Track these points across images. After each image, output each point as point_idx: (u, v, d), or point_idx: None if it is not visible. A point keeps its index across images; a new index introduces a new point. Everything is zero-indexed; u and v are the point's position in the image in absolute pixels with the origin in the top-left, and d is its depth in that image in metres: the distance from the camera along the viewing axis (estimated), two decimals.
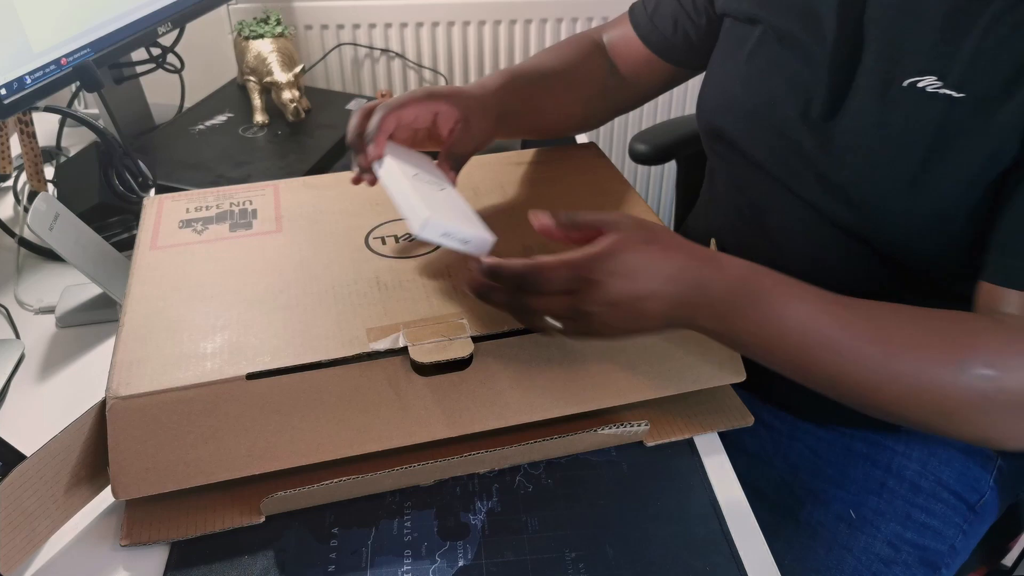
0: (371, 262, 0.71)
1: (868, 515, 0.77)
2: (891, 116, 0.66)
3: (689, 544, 0.61)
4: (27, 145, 0.99)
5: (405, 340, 0.62)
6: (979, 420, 0.57)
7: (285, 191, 0.83)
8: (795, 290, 0.58)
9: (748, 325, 0.57)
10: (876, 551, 0.76)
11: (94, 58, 0.95)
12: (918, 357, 0.56)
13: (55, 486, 0.58)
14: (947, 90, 0.62)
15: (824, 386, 0.60)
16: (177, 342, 0.62)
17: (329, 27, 1.69)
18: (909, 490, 0.78)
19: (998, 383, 0.55)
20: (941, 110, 0.63)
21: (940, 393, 0.56)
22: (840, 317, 0.57)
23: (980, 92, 0.61)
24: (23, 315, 0.86)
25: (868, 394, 0.58)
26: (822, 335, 0.57)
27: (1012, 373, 0.55)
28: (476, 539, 0.61)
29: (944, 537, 0.78)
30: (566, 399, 0.66)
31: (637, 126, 1.86)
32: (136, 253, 0.73)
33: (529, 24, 1.72)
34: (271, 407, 0.60)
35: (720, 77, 0.82)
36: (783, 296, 0.57)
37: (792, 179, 0.74)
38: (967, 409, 0.56)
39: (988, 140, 0.61)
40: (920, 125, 0.64)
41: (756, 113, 0.76)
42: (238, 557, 0.60)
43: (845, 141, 0.69)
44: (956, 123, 0.62)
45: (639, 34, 0.90)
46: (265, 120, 1.18)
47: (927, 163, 0.64)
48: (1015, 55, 0.59)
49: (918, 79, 0.64)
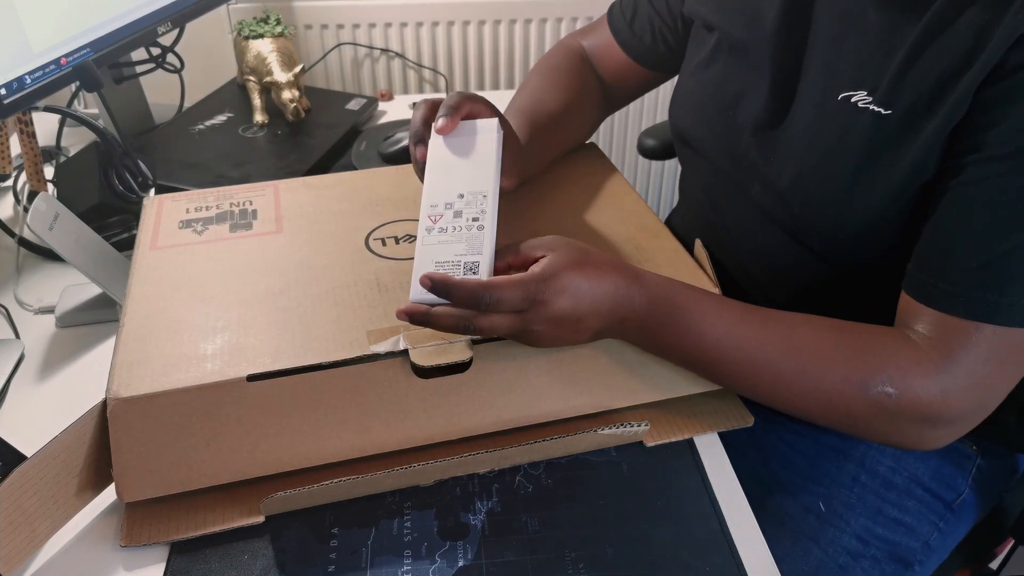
0: (371, 263, 0.71)
1: (838, 508, 0.78)
2: (825, 128, 0.67)
3: (689, 544, 0.61)
4: (27, 145, 0.99)
5: (405, 343, 0.62)
6: (885, 429, 0.62)
7: (285, 191, 0.83)
8: (712, 306, 0.63)
9: (668, 339, 0.63)
10: (843, 544, 0.76)
11: (94, 58, 0.95)
12: (827, 373, 0.61)
13: (55, 487, 0.58)
14: (875, 106, 0.64)
15: (744, 393, 0.67)
16: (177, 343, 0.62)
17: (329, 27, 1.69)
18: (881, 485, 0.79)
19: (898, 400, 0.60)
20: (870, 124, 0.64)
21: (846, 406, 0.61)
22: (755, 335, 0.63)
23: (906, 108, 0.62)
24: (23, 315, 0.86)
25: (782, 403, 0.64)
26: (738, 351, 0.62)
27: (911, 392, 0.59)
28: (476, 539, 0.61)
29: (917, 534, 0.78)
30: (566, 401, 0.66)
31: (639, 123, 1.86)
32: (136, 253, 0.73)
33: (529, 24, 1.72)
34: (272, 409, 0.60)
35: (684, 80, 0.85)
36: (700, 313, 0.62)
37: (744, 184, 0.77)
38: (873, 420, 0.62)
39: (912, 154, 0.62)
40: (851, 138, 0.65)
41: (713, 120, 0.79)
42: (238, 557, 0.60)
43: (786, 151, 0.71)
44: (884, 137, 0.64)
45: (619, 41, 0.92)
46: (265, 120, 1.18)
47: (857, 176, 0.66)
48: (938, 72, 0.60)
49: (851, 93, 0.65)
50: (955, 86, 0.59)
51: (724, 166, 0.79)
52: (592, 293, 0.59)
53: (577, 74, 0.92)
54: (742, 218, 0.78)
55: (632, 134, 1.89)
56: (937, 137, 0.61)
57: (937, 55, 0.60)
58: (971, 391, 0.59)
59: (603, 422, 0.67)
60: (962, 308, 0.59)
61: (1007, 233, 0.57)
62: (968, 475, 0.81)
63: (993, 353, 0.58)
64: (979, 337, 0.58)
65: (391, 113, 1.29)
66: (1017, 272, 0.57)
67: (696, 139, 0.83)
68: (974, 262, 0.58)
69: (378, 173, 0.87)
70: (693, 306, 0.62)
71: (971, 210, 0.59)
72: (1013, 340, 0.58)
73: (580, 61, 0.93)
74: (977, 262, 0.58)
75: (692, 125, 0.83)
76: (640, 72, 0.93)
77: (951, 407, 0.59)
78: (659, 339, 0.63)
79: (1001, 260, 0.57)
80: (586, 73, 0.93)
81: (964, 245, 0.59)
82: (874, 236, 0.67)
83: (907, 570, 0.77)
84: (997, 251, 0.57)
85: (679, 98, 0.86)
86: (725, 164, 0.79)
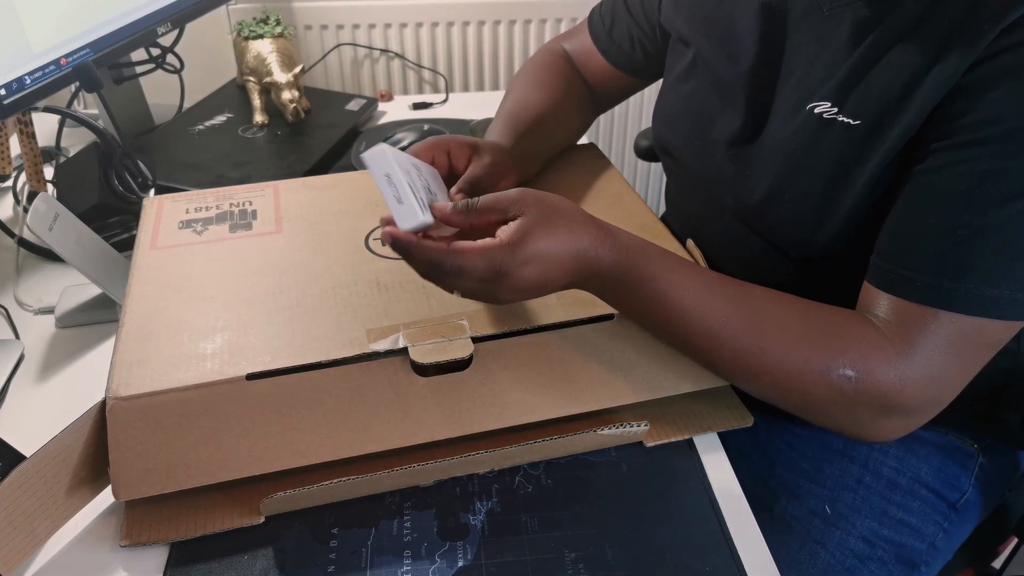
0: (371, 263, 0.71)
1: (843, 511, 0.77)
2: (796, 142, 0.67)
3: (689, 545, 0.61)
4: (27, 145, 0.99)
5: (405, 341, 0.62)
6: (841, 415, 0.62)
7: (285, 192, 0.83)
8: (683, 276, 0.61)
9: (633, 304, 0.62)
10: (850, 547, 0.76)
11: (94, 58, 0.95)
12: (789, 353, 0.60)
13: (55, 486, 0.58)
14: (843, 116, 0.64)
15: (705, 366, 0.65)
16: (177, 343, 0.62)
17: (329, 27, 1.69)
18: (886, 487, 0.79)
19: (856, 385, 0.59)
20: (839, 136, 0.64)
21: (803, 388, 0.60)
22: (721, 308, 0.61)
23: (873, 118, 0.62)
24: (23, 315, 0.86)
25: (743, 380, 0.64)
26: (703, 324, 0.61)
27: (871, 377, 0.58)
28: (476, 539, 0.61)
29: (923, 535, 0.78)
30: (566, 400, 0.66)
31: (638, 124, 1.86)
32: (136, 253, 0.73)
33: (529, 24, 1.72)
34: (271, 408, 0.60)
35: (665, 93, 0.86)
36: (668, 282, 0.61)
37: (719, 194, 0.77)
38: (829, 405, 0.61)
39: (880, 162, 0.62)
40: (820, 151, 0.65)
41: (690, 133, 0.80)
42: (238, 557, 0.60)
43: (759, 167, 0.71)
44: (853, 149, 0.64)
45: (599, 48, 0.93)
46: (265, 120, 1.18)
47: (829, 188, 0.66)
48: (903, 79, 0.60)
49: (816, 104, 0.65)
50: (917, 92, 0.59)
51: (703, 178, 0.80)
52: (560, 258, 0.57)
53: (561, 74, 0.92)
54: (721, 227, 0.79)
55: (629, 135, 1.89)
56: (900, 139, 0.61)
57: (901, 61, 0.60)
58: (928, 383, 0.59)
59: (603, 422, 0.67)
60: (919, 294, 0.58)
61: (965, 220, 0.57)
62: (971, 474, 0.81)
63: (950, 343, 0.58)
64: (936, 325, 0.58)
65: (391, 114, 1.29)
66: (975, 259, 0.57)
67: (676, 151, 0.84)
68: (932, 248, 0.58)
69: None
70: (663, 275, 0.61)
71: (931, 197, 0.59)
72: (969, 330, 0.57)
73: (564, 63, 0.94)
74: (935, 248, 0.58)
75: (672, 137, 0.84)
76: (621, 78, 0.93)
77: (907, 396, 0.59)
78: (623, 301, 0.62)
79: (958, 247, 0.57)
80: (570, 73, 0.93)
81: (923, 232, 0.59)
82: (849, 241, 0.67)
83: (913, 571, 0.77)
84: (954, 238, 0.57)
85: (660, 110, 0.86)
86: (703, 176, 0.79)
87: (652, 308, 0.61)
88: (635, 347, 0.66)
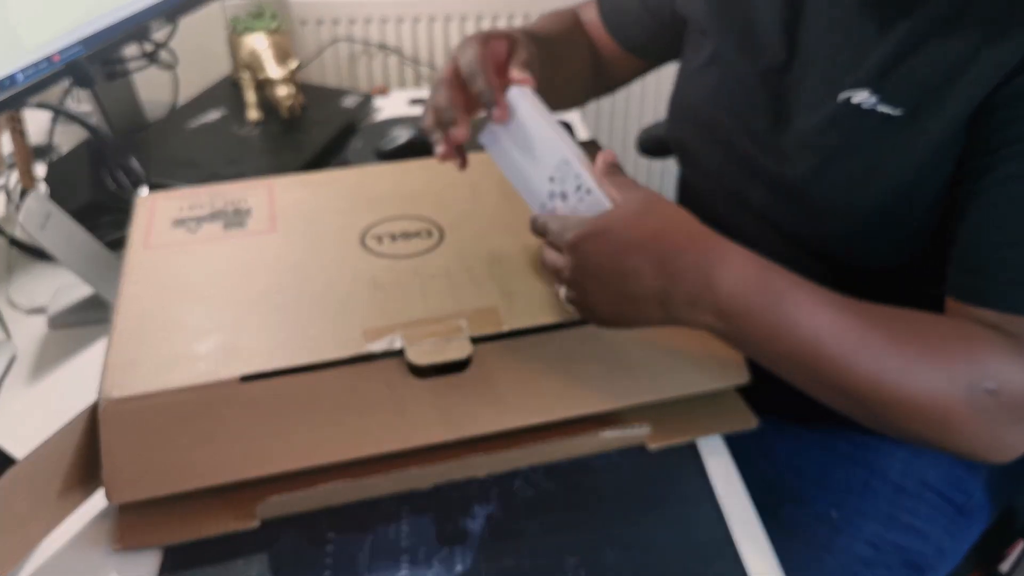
0: (367, 262, 0.70)
1: (849, 515, 0.77)
2: (829, 132, 0.66)
3: (693, 550, 0.60)
4: (18, 143, 0.98)
5: (402, 341, 0.61)
6: (977, 433, 0.55)
7: (279, 189, 0.82)
8: (807, 295, 0.55)
9: (758, 330, 0.55)
10: (856, 552, 0.75)
11: (86, 55, 0.94)
12: (933, 370, 0.54)
13: (47, 489, 0.58)
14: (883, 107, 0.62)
15: (828, 397, 0.57)
16: (170, 343, 0.61)
17: (324, 22, 1.68)
18: (892, 491, 0.78)
19: (999, 398, 0.54)
20: (878, 125, 0.63)
21: (945, 409, 0.54)
22: (855, 327, 0.54)
23: (913, 107, 0.61)
24: (14, 316, 0.85)
25: (874, 408, 0.56)
26: (838, 346, 0.54)
27: (1011, 386, 0.54)
28: (475, 544, 0.60)
29: (929, 539, 0.77)
30: (566, 402, 0.65)
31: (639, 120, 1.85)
32: (128, 253, 0.72)
33: (527, 20, 1.71)
34: (266, 409, 0.59)
35: (681, 86, 0.84)
36: (797, 302, 0.54)
37: (743, 190, 0.75)
38: (967, 423, 0.55)
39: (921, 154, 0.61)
40: (857, 140, 0.64)
41: (707, 127, 0.78)
42: (232, 562, 0.59)
43: (787, 160, 0.70)
44: (893, 138, 0.62)
45: (607, 26, 0.90)
46: (259, 117, 1.17)
47: (866, 179, 0.64)
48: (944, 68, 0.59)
49: (852, 93, 0.64)
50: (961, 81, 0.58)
51: (719, 173, 0.78)
52: (633, 250, 0.54)
53: (572, 19, 0.89)
54: (741, 226, 0.76)
55: (631, 132, 1.88)
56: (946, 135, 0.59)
57: (941, 51, 0.59)
58: None
59: (604, 425, 0.66)
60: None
61: None
62: (978, 477, 0.80)
63: None
64: None
65: (387, 110, 1.28)
66: None
67: (694, 145, 0.82)
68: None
69: (374, 170, 0.86)
70: (790, 293, 0.54)
71: (1020, 204, 0.57)
72: None
73: (576, 18, 0.91)
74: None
75: (690, 131, 0.82)
76: (629, 58, 0.91)
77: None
78: (746, 331, 0.55)
79: None
80: (579, 26, 0.90)
81: (1018, 242, 0.57)
82: (879, 238, 0.66)
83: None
84: None
85: (677, 103, 0.84)
86: (721, 171, 0.78)
87: (779, 334, 0.54)
88: (637, 348, 0.65)
